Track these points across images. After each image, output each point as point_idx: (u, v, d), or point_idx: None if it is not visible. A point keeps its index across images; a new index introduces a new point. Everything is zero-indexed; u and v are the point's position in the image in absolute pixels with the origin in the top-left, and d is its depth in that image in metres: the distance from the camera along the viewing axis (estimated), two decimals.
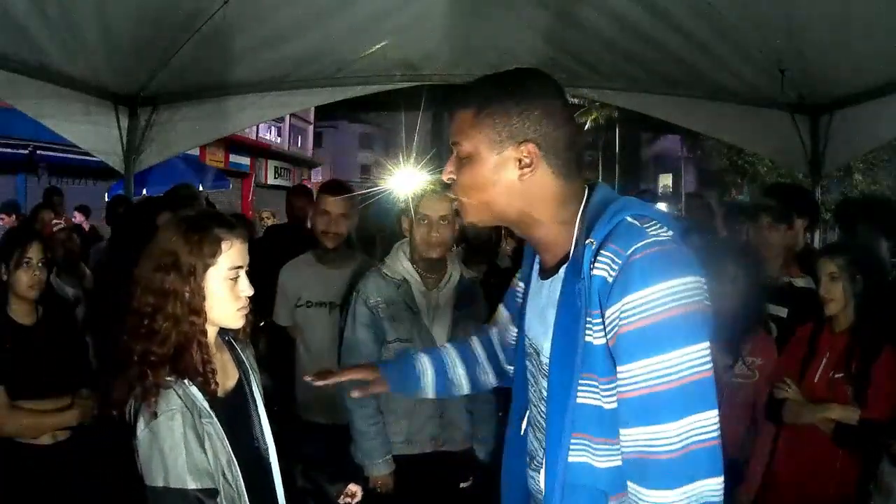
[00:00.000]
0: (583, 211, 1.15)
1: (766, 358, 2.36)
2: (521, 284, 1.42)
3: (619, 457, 1.10)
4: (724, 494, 1.04)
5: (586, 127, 25.43)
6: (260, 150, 17.50)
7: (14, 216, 5.82)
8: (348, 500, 1.78)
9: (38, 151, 8.31)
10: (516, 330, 1.43)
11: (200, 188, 7.32)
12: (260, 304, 3.12)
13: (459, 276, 2.42)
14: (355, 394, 1.58)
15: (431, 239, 2.27)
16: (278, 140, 18.99)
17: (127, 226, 3.29)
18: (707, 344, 1.05)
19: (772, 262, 2.69)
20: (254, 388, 1.56)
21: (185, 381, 1.36)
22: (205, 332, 1.42)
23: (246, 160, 16.84)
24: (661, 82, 3.78)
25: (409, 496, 2.33)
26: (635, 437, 1.05)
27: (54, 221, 3.54)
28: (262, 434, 1.53)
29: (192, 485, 1.29)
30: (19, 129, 7.36)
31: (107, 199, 8.53)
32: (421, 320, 2.32)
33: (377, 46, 3.40)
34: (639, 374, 1.03)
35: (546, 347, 1.19)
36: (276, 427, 1.58)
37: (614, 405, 1.08)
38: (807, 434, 2.23)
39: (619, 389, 1.06)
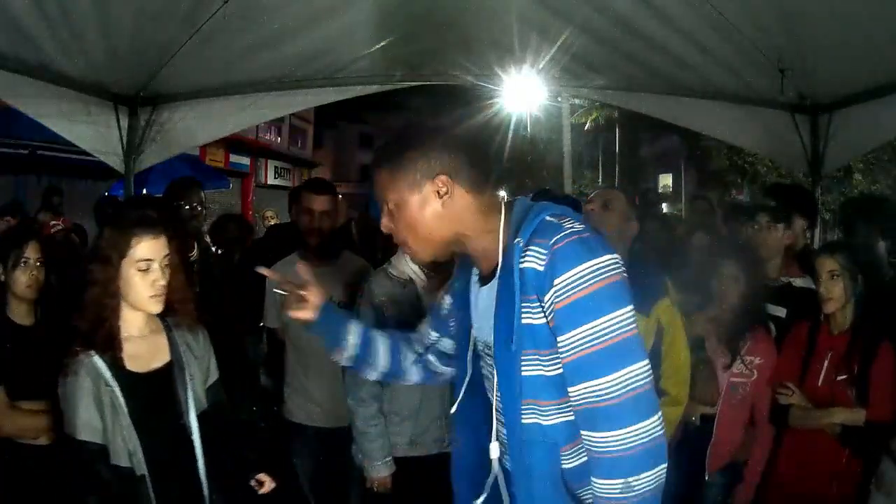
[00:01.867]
0: (505, 219, 1.37)
1: (765, 358, 2.36)
2: (448, 298, 1.65)
3: (568, 413, 1.33)
4: (724, 490, 1.12)
5: (586, 127, 25.40)
6: (260, 150, 17.48)
7: (18, 217, 5.79)
8: (257, 486, 1.95)
9: (38, 151, 8.29)
10: (435, 334, 1.70)
11: None
12: (261, 305, 3.13)
13: None
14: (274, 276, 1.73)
15: None
16: (278, 140, 18.98)
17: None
18: (629, 308, 1.26)
19: (770, 262, 2.69)
20: (185, 372, 1.79)
21: (92, 352, 1.65)
22: (118, 314, 1.71)
23: (246, 160, 16.82)
24: (661, 82, 3.78)
25: (413, 498, 2.33)
26: (581, 392, 1.26)
27: (52, 222, 3.53)
28: (188, 414, 1.75)
29: (80, 436, 1.60)
30: (19, 129, 7.34)
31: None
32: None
33: (377, 46, 3.40)
34: (576, 340, 1.25)
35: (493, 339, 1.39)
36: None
37: (557, 372, 1.31)
38: (809, 435, 2.23)
39: (562, 355, 1.28)
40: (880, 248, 2.58)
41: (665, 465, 1.26)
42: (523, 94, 3.86)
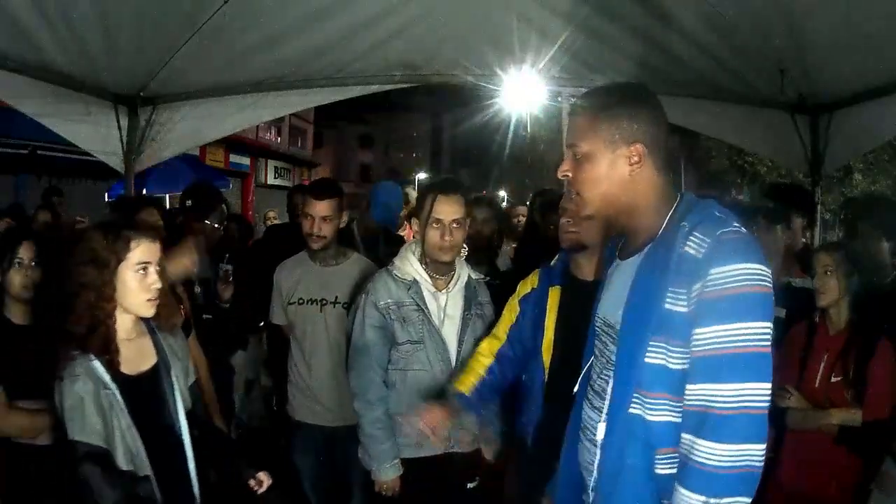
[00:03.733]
0: (676, 206, 1.35)
1: None
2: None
3: (675, 413, 1.26)
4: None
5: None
6: (260, 150, 17.50)
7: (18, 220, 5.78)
8: (256, 487, 1.93)
9: (38, 151, 8.30)
10: None
11: None
12: (260, 304, 3.14)
13: (468, 277, 2.42)
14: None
15: (444, 243, 2.25)
16: (278, 140, 19.00)
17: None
18: (770, 325, 1.21)
19: (770, 263, 2.68)
20: (171, 373, 1.80)
21: (90, 356, 1.63)
22: (113, 318, 1.69)
23: (246, 160, 16.84)
24: (661, 82, 3.77)
25: (418, 498, 2.32)
26: (699, 393, 1.21)
27: (78, 218, 3.55)
28: (176, 414, 1.77)
29: (87, 440, 1.57)
30: (19, 129, 7.34)
31: (107, 199, 8.53)
32: (431, 321, 2.30)
33: (377, 46, 3.40)
34: (712, 337, 1.20)
35: (620, 316, 1.35)
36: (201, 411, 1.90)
37: (679, 366, 1.25)
38: (809, 435, 2.23)
39: (693, 348, 1.22)
40: (884, 249, 2.57)
41: (749, 501, 1.19)
42: (523, 94, 3.86)
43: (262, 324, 3.58)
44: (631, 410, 1.29)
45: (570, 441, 1.54)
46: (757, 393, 1.18)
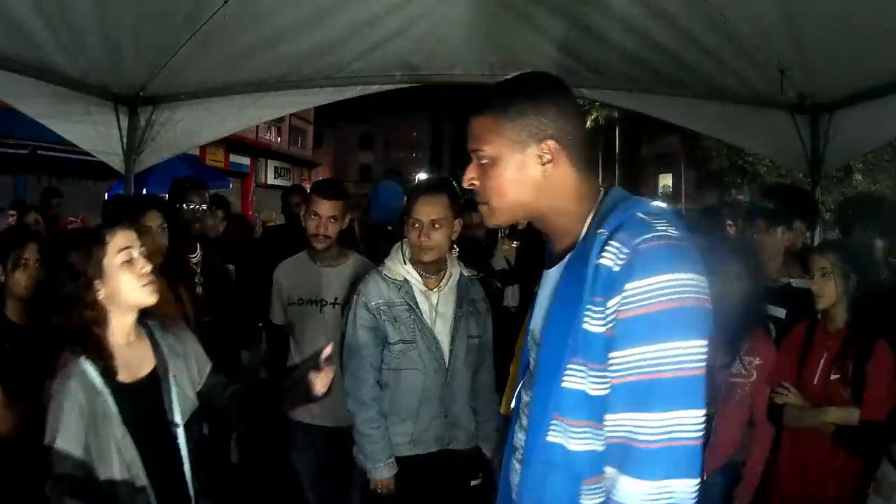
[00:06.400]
0: (598, 206, 1.21)
1: (764, 358, 2.36)
2: None
3: (599, 441, 1.13)
4: (723, 491, 1.07)
5: (586, 127, 25.51)
6: (260, 150, 17.51)
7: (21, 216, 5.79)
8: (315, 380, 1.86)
9: (38, 151, 8.30)
10: None
11: None
12: (259, 305, 3.14)
13: (459, 275, 2.42)
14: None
15: (422, 243, 2.25)
16: (278, 140, 19.00)
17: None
18: (703, 342, 1.06)
19: (770, 263, 2.69)
20: (170, 377, 1.74)
21: (86, 361, 1.59)
22: (106, 323, 1.65)
23: (246, 160, 16.85)
24: (661, 82, 3.78)
25: (415, 497, 2.33)
26: (620, 422, 1.08)
27: (70, 219, 3.54)
28: (173, 420, 1.71)
29: (64, 447, 1.51)
30: (19, 129, 7.34)
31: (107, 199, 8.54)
32: (423, 321, 2.31)
33: (377, 46, 3.40)
34: (631, 361, 1.06)
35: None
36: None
37: (600, 392, 1.11)
38: (808, 435, 2.23)
39: (612, 375, 1.09)
40: (878, 247, 2.58)
41: None
42: None
43: (260, 324, 3.58)
44: (549, 438, 1.16)
45: (506, 458, 1.40)
46: (687, 421, 1.04)
